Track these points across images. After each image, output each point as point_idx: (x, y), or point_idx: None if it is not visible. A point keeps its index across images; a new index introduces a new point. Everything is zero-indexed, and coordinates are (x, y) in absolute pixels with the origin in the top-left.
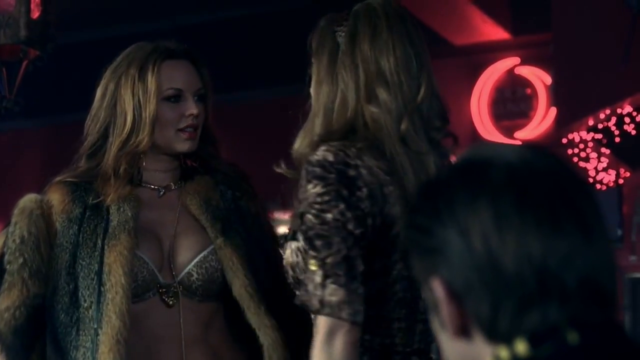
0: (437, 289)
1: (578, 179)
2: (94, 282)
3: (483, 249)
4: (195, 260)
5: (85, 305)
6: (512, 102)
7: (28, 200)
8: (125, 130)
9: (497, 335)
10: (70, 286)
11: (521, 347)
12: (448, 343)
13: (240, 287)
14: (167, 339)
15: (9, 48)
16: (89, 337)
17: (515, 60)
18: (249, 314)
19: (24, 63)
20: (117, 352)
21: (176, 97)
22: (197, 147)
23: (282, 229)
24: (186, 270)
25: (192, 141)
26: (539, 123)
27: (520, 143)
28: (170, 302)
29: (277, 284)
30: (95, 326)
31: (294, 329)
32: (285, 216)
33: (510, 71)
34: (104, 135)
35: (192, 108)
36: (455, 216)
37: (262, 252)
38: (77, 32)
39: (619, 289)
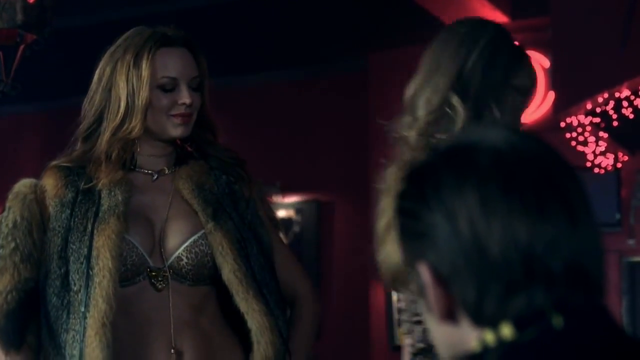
0: (424, 273)
1: (565, 164)
2: (83, 265)
3: (469, 233)
4: (185, 245)
5: (75, 288)
6: None
7: (22, 185)
8: (119, 116)
9: (483, 319)
10: (62, 270)
11: (507, 331)
12: (435, 327)
13: (229, 271)
14: (157, 322)
15: (6, 32)
16: (78, 320)
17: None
18: (237, 298)
19: (21, 47)
20: (104, 335)
21: (170, 86)
22: (192, 132)
23: (282, 213)
24: (176, 254)
25: (185, 126)
26: (538, 107)
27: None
28: (159, 286)
29: (268, 269)
30: (84, 309)
31: (285, 313)
32: (284, 200)
33: None
34: (99, 119)
35: (185, 97)
36: (441, 200)
37: (254, 237)
38: (76, 16)
39: (617, 273)
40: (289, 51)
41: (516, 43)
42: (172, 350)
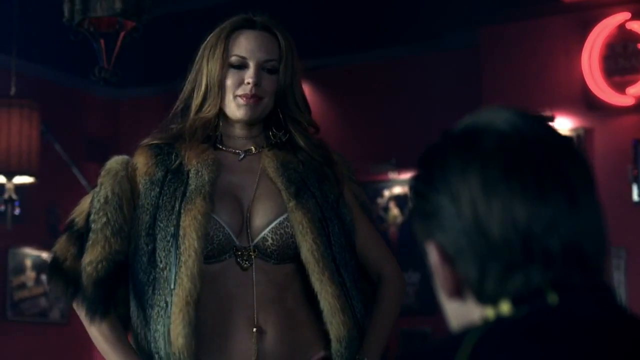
0: (433, 252)
1: (568, 147)
2: (170, 244)
3: (471, 214)
4: (271, 226)
5: (161, 266)
6: (623, 58)
7: (114, 161)
8: (201, 95)
9: (485, 297)
10: (149, 247)
11: (505, 307)
12: (445, 303)
13: (307, 251)
14: (241, 299)
15: (106, 20)
16: (163, 297)
17: (626, 15)
18: (312, 278)
19: (121, 34)
20: (187, 313)
21: (239, 65)
22: (285, 124)
23: (398, 190)
24: (261, 235)
25: (248, 108)
26: None
27: (633, 100)
28: (245, 265)
29: (348, 249)
30: (169, 287)
31: (362, 295)
32: (399, 177)
33: (621, 26)
34: (189, 99)
35: (249, 76)
36: (447, 182)
37: (336, 216)
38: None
39: None
40: (402, 27)
41: None
42: (254, 329)
